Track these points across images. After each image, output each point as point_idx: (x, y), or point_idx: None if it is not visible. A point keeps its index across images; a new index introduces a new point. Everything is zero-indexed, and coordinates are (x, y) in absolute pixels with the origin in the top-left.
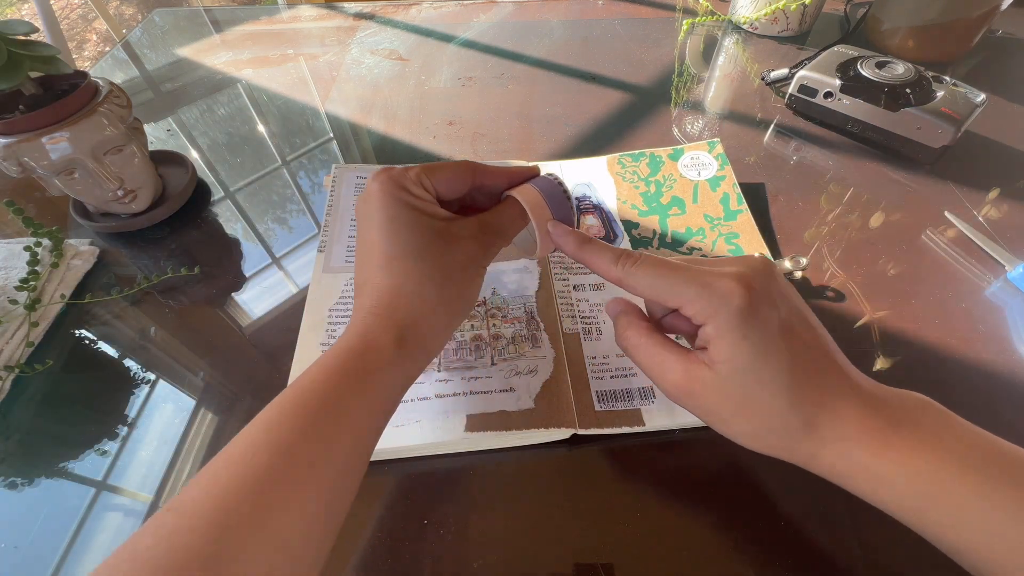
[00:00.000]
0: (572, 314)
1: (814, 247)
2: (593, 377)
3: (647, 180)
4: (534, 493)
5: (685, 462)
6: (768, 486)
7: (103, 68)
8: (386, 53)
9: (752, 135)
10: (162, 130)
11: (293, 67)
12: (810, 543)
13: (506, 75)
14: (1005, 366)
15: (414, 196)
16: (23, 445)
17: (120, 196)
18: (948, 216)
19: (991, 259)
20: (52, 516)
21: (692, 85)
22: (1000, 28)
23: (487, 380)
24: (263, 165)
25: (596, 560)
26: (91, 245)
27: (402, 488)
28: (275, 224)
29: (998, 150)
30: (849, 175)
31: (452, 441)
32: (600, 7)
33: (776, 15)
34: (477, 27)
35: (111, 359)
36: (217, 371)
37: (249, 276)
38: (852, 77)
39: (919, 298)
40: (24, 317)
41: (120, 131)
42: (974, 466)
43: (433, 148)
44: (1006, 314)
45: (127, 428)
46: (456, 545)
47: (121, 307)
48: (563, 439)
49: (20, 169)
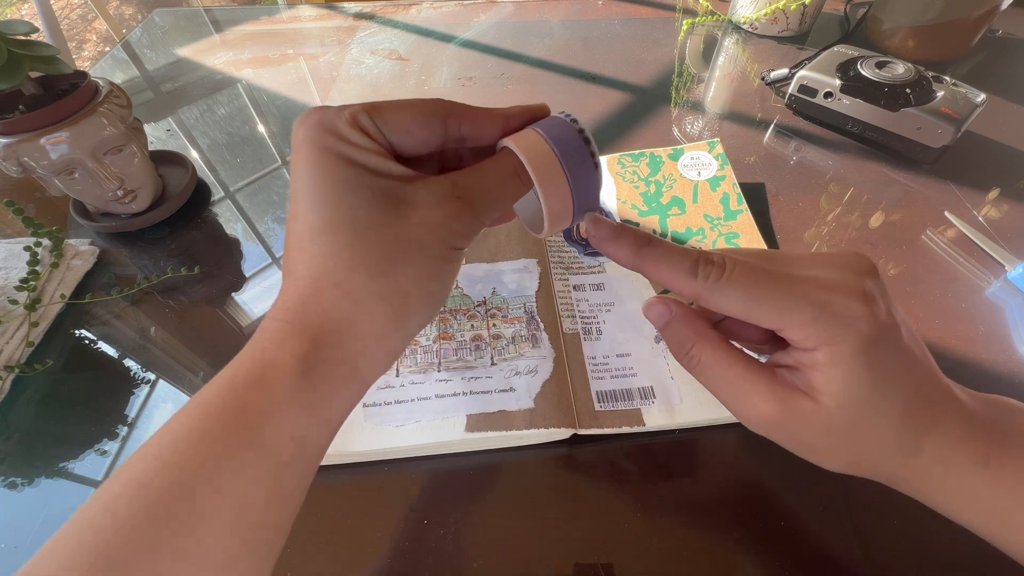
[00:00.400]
0: (572, 314)
1: (814, 247)
2: (593, 377)
3: (647, 180)
4: (534, 493)
5: (685, 462)
6: (768, 486)
7: (103, 68)
8: (386, 53)
9: (752, 135)
10: (162, 130)
11: (293, 67)
12: (810, 543)
13: (506, 75)
14: (1005, 366)
15: (349, 143)
16: (23, 445)
17: (120, 196)
18: (948, 216)
19: (991, 259)
20: (52, 516)
21: (692, 85)
22: (1000, 28)
23: (487, 380)
24: (263, 165)
25: (596, 560)
26: (91, 245)
27: (402, 488)
28: (275, 224)
29: (998, 150)
30: (849, 175)
31: (452, 441)
32: (600, 7)
33: (776, 15)
34: (477, 27)
35: (111, 359)
36: (217, 371)
37: (249, 276)
38: (852, 77)
39: (919, 298)
40: (24, 317)
41: (120, 131)
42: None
43: None
44: (1006, 314)
45: (127, 428)
46: (456, 545)
47: (121, 307)
48: (563, 439)
49: (20, 169)
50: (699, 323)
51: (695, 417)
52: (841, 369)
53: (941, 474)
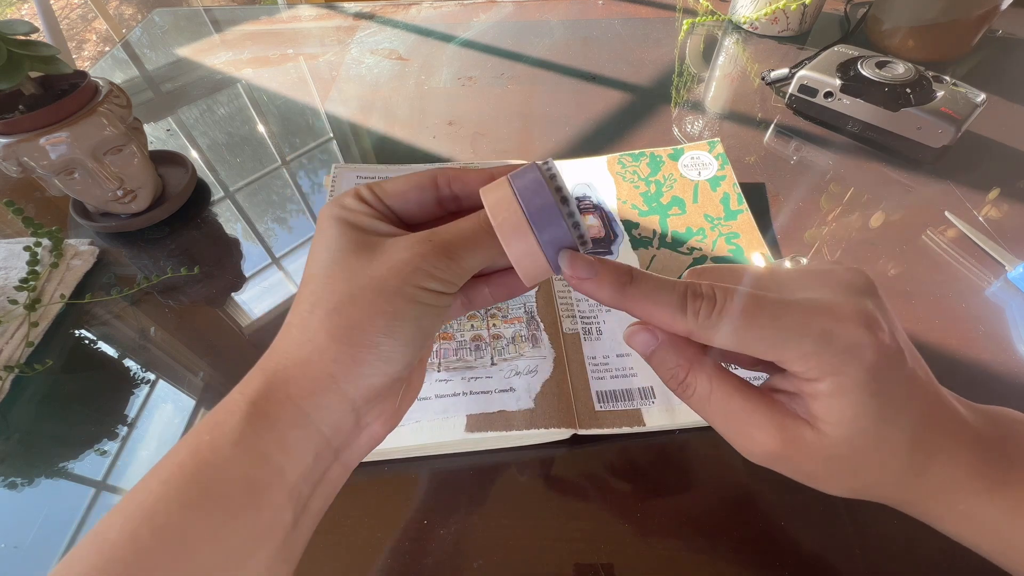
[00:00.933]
0: (572, 314)
1: (814, 247)
2: (593, 377)
3: (647, 180)
4: (534, 493)
5: (685, 462)
6: (768, 486)
7: (103, 68)
8: (386, 53)
9: (752, 135)
10: (162, 130)
11: (293, 67)
12: (810, 543)
13: (506, 75)
14: (1005, 366)
15: (349, 210)
16: (23, 445)
17: (120, 196)
18: (948, 216)
19: (991, 259)
20: (52, 516)
21: (692, 85)
22: (1000, 28)
23: (487, 380)
24: (263, 165)
25: (596, 560)
26: (91, 245)
27: (402, 488)
28: (275, 224)
29: (998, 150)
30: (849, 175)
31: (452, 441)
32: (600, 7)
33: (776, 15)
34: (477, 27)
35: (111, 359)
36: (217, 371)
37: (249, 276)
38: (852, 77)
39: (919, 298)
40: (24, 317)
41: (120, 131)
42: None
43: (433, 148)
44: (1006, 314)
45: (127, 428)
46: (456, 545)
47: (121, 307)
48: (563, 439)
49: (20, 169)
50: (690, 349)
51: (695, 417)
52: (846, 400)
53: (948, 498)
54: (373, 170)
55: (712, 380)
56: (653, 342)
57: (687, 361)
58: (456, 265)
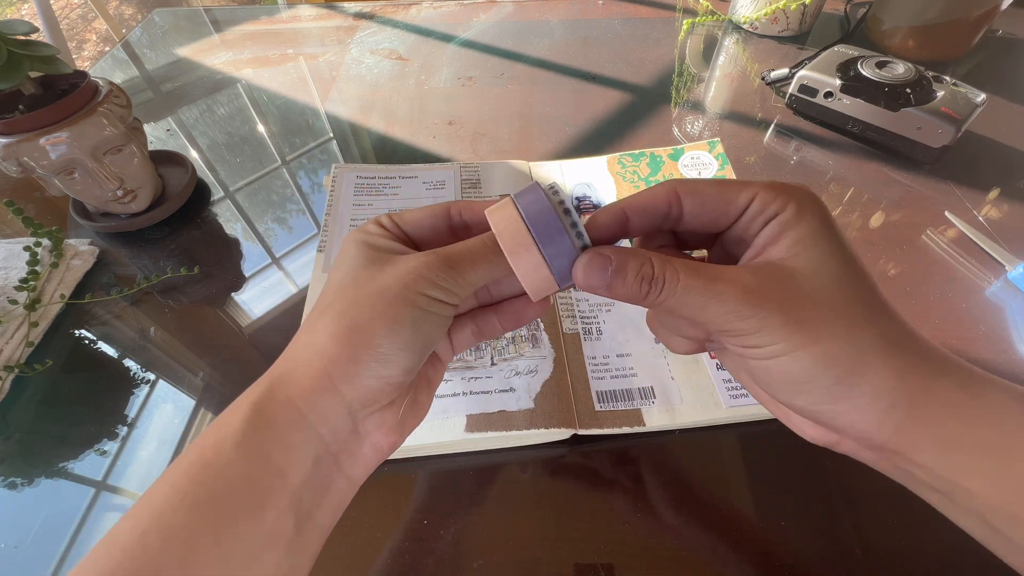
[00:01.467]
0: (572, 314)
1: None
2: (593, 377)
3: (647, 180)
4: (534, 493)
5: (685, 462)
6: (768, 486)
7: (103, 68)
8: (386, 53)
9: (752, 135)
10: (162, 130)
11: (293, 67)
12: (810, 543)
13: (506, 75)
14: (1005, 366)
15: (369, 234)
16: (23, 445)
17: (120, 196)
18: (948, 216)
19: (991, 259)
20: (52, 516)
21: (692, 85)
22: (1000, 28)
23: (487, 380)
24: (263, 165)
25: (596, 560)
26: (91, 245)
27: (402, 488)
28: (275, 224)
29: (998, 150)
30: (849, 175)
31: (452, 441)
32: (600, 7)
33: (776, 15)
34: (477, 27)
35: (111, 359)
36: (217, 371)
37: (249, 276)
38: (852, 77)
39: (919, 298)
40: (24, 317)
41: (120, 131)
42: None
43: (433, 148)
44: (1006, 314)
45: (127, 428)
46: (456, 545)
47: (121, 307)
48: (563, 439)
49: (20, 169)
50: (649, 250)
51: (695, 417)
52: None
53: (928, 387)
54: (373, 170)
55: (674, 263)
56: (608, 264)
57: (657, 259)
58: (459, 276)
